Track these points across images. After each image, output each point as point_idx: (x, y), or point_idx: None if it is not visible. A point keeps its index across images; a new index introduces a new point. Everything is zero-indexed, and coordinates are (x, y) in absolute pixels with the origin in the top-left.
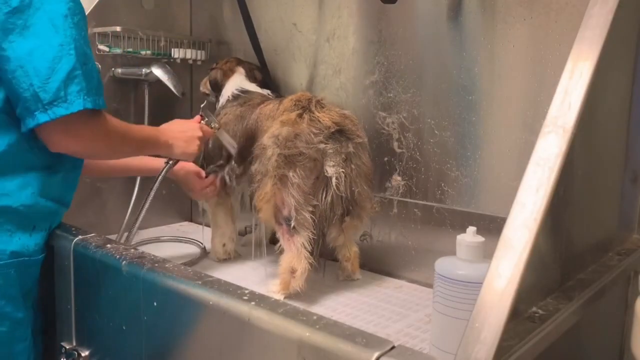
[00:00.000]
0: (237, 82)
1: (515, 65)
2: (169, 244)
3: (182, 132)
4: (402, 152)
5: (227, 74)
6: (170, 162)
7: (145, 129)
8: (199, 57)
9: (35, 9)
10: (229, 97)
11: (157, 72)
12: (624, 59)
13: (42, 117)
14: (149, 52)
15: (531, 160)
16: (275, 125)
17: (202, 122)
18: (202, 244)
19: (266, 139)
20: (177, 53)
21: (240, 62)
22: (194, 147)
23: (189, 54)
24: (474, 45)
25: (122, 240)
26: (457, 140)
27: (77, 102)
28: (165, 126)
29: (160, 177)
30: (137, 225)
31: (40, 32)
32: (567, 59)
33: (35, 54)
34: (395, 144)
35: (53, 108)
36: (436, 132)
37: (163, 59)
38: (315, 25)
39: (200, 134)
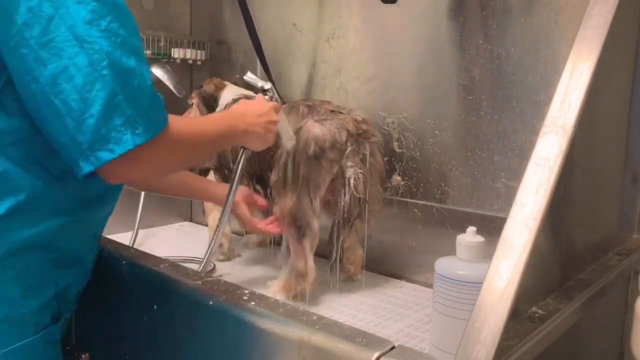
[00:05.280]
0: (235, 90)
1: (515, 65)
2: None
3: (260, 116)
4: (402, 152)
5: (220, 86)
6: (245, 151)
7: (217, 122)
8: (199, 57)
9: (49, 18)
10: (229, 102)
11: (157, 72)
12: (624, 59)
13: (86, 167)
14: (149, 52)
15: (531, 160)
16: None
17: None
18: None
19: (285, 142)
20: (177, 53)
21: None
22: (271, 136)
23: (189, 54)
24: (474, 45)
25: None
26: (457, 140)
27: (124, 138)
28: (238, 110)
29: (238, 173)
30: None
31: (61, 48)
32: (567, 59)
33: (60, 82)
34: (395, 144)
35: (95, 153)
36: (436, 132)
37: (163, 59)
38: (315, 25)
39: (276, 118)
